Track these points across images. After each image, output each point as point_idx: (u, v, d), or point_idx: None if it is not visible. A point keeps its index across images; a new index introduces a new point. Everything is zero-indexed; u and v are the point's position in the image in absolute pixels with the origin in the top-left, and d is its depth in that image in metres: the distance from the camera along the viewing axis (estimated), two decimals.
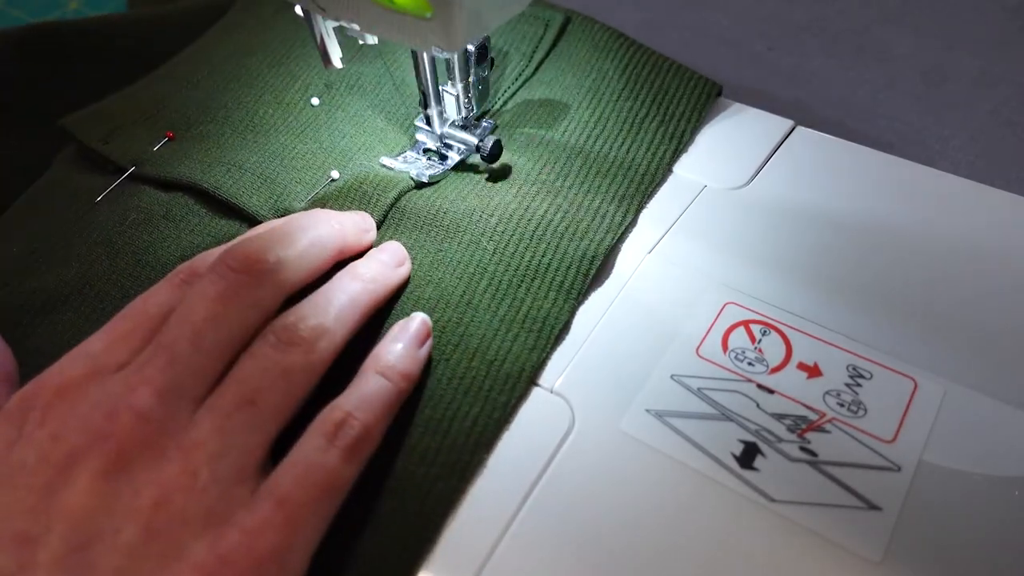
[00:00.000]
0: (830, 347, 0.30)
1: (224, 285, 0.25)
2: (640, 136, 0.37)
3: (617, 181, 0.35)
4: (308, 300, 0.26)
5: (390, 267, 0.30)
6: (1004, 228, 0.34)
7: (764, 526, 0.25)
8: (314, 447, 0.23)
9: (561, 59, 0.42)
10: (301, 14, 0.33)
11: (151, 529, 0.21)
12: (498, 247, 0.32)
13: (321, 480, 0.23)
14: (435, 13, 0.27)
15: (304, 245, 0.27)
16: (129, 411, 0.22)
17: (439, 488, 0.26)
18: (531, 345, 0.29)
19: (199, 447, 0.22)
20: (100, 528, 0.21)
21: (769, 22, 0.52)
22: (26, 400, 0.23)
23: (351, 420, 0.24)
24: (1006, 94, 0.46)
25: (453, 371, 0.28)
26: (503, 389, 0.28)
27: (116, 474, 0.21)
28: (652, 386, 0.29)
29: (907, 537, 0.25)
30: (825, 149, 0.38)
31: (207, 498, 0.22)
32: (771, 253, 0.33)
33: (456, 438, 0.27)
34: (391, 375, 0.26)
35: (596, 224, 0.33)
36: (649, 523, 0.25)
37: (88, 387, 0.23)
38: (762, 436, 0.27)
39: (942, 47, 0.49)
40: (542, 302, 0.30)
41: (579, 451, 0.27)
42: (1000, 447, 0.27)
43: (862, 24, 0.51)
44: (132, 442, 0.22)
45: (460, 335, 0.29)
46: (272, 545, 0.21)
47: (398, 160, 0.36)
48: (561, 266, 0.31)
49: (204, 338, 0.24)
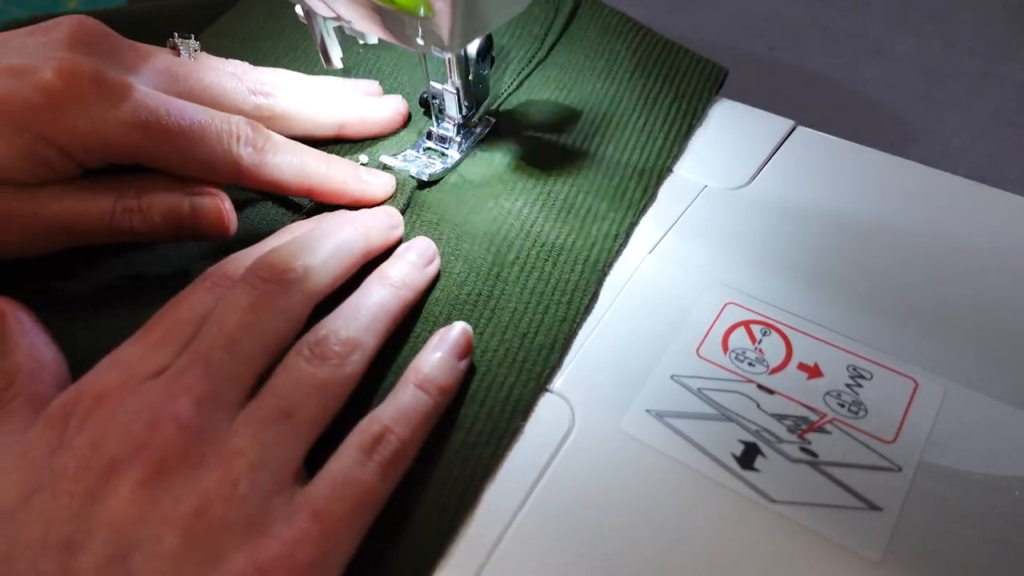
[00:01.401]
0: (830, 347, 0.30)
1: (255, 295, 0.25)
2: (655, 112, 0.39)
3: (636, 157, 0.37)
4: (339, 312, 0.27)
5: (419, 267, 0.31)
6: (1004, 228, 0.34)
7: (764, 526, 0.25)
8: (353, 461, 0.24)
9: (573, 41, 0.43)
10: (301, 14, 0.33)
11: (191, 537, 0.21)
12: (524, 225, 0.34)
13: (358, 495, 0.23)
14: (435, 13, 0.27)
15: (330, 251, 0.28)
16: (170, 420, 0.22)
17: (478, 454, 0.27)
18: (562, 316, 0.30)
19: (238, 457, 0.23)
20: (141, 536, 0.21)
21: (769, 22, 0.52)
22: (66, 407, 0.23)
23: (389, 435, 0.24)
24: (1006, 94, 0.46)
25: (487, 344, 0.30)
26: (537, 360, 0.29)
27: (156, 483, 0.22)
28: (652, 386, 0.29)
29: (907, 537, 0.25)
30: (825, 149, 0.38)
31: (246, 507, 0.22)
32: (771, 253, 0.33)
33: (493, 407, 0.28)
34: (430, 388, 0.26)
35: (617, 202, 0.35)
36: (649, 523, 0.25)
37: (126, 395, 0.23)
38: (762, 436, 0.27)
39: (942, 47, 0.49)
40: (569, 275, 0.32)
41: (579, 451, 0.27)
42: (1000, 447, 0.27)
43: (862, 24, 0.51)
44: (172, 451, 0.22)
45: (492, 308, 0.31)
46: (309, 557, 0.22)
47: (398, 159, 0.36)
48: (586, 243, 0.33)
49: (238, 346, 0.24)
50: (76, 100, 0.27)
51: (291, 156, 0.32)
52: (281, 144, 0.32)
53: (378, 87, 0.40)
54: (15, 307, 0.28)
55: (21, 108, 0.27)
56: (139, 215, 0.30)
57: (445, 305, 0.31)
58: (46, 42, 0.29)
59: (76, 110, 0.28)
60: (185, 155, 0.30)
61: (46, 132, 0.28)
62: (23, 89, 0.27)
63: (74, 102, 0.27)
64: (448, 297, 0.31)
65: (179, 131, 0.29)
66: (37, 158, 0.28)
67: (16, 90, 0.27)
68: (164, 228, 0.31)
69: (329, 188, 0.33)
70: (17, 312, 0.28)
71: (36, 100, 0.27)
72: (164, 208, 0.30)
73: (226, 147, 0.30)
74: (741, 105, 0.41)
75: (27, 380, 0.26)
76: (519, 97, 0.40)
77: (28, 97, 0.27)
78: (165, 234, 0.31)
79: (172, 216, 0.31)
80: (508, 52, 0.42)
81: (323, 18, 0.33)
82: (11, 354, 0.27)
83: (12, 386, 0.26)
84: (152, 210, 0.30)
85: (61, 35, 0.29)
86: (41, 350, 0.27)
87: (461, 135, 0.37)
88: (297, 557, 0.22)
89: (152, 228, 0.31)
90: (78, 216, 0.30)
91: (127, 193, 0.30)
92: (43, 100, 0.27)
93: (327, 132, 0.37)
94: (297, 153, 0.32)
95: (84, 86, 0.28)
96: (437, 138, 0.37)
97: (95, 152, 0.29)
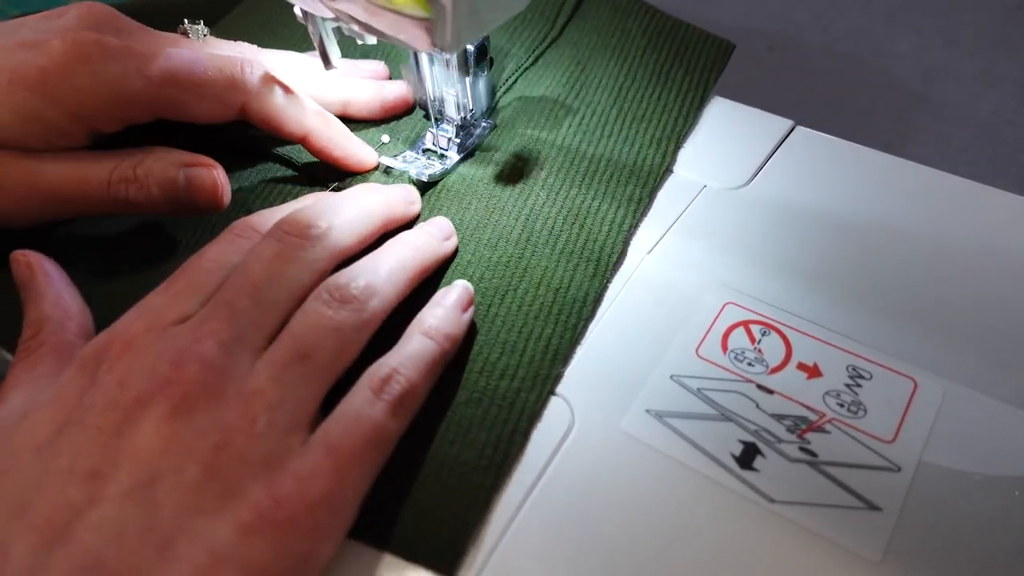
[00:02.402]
0: (830, 347, 0.30)
1: (280, 247, 0.27)
2: (668, 84, 0.40)
3: (652, 126, 0.38)
4: (359, 262, 0.28)
5: (437, 239, 0.32)
6: (1004, 228, 0.34)
7: (764, 526, 0.25)
8: (362, 400, 0.25)
9: (584, 21, 0.44)
10: (300, 15, 0.33)
11: (212, 469, 0.22)
12: (550, 194, 0.35)
13: (368, 431, 0.24)
14: (434, 13, 0.27)
15: (352, 214, 0.29)
16: (194, 359, 0.23)
17: (523, 398, 0.28)
18: (591, 273, 0.32)
19: (258, 396, 0.24)
20: (164, 466, 0.22)
21: (769, 22, 0.52)
22: (98, 352, 0.25)
23: (396, 376, 0.25)
24: (1006, 94, 0.46)
25: (522, 299, 0.31)
26: (571, 312, 0.30)
27: (180, 417, 0.23)
28: (652, 386, 0.29)
29: (907, 537, 0.25)
30: (825, 149, 0.38)
31: (264, 444, 0.23)
32: (771, 253, 0.33)
33: (533, 355, 0.29)
34: (435, 335, 0.27)
35: (638, 169, 0.36)
36: (649, 523, 0.25)
37: (153, 339, 0.24)
38: (762, 436, 0.27)
39: (942, 47, 0.49)
40: (596, 235, 0.33)
41: (579, 451, 0.27)
42: (1000, 447, 0.27)
43: (862, 24, 0.51)
44: (196, 388, 0.23)
45: (523, 268, 0.32)
46: (323, 491, 0.23)
47: (397, 160, 0.36)
48: (611, 206, 0.35)
49: (263, 293, 0.26)
50: (82, 61, 0.29)
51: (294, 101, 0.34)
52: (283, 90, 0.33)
53: (385, 68, 0.41)
54: (42, 259, 0.30)
55: (34, 74, 0.29)
56: (135, 184, 0.31)
57: (478, 266, 0.32)
58: (58, 23, 0.31)
59: (82, 70, 0.29)
60: (193, 96, 0.31)
61: (54, 94, 0.29)
62: (35, 58, 0.29)
63: (80, 62, 0.29)
64: (481, 259, 0.32)
65: (184, 73, 0.31)
66: (44, 121, 0.29)
67: (29, 60, 0.29)
68: (160, 199, 0.31)
69: (324, 138, 0.34)
70: (44, 263, 0.29)
71: (45, 65, 0.29)
72: (160, 178, 0.31)
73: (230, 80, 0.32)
74: (741, 105, 0.41)
75: (53, 329, 0.27)
76: (532, 76, 0.41)
77: (39, 63, 0.29)
78: (161, 205, 0.31)
79: (167, 186, 0.31)
80: (520, 32, 0.44)
81: (322, 19, 0.33)
82: (38, 304, 0.28)
83: (39, 334, 0.27)
84: (148, 180, 0.31)
85: (72, 16, 0.31)
86: (68, 301, 0.28)
87: (460, 136, 0.37)
88: (312, 490, 0.22)
89: (148, 199, 0.31)
90: (75, 183, 0.30)
91: (124, 163, 0.31)
92: (50, 64, 0.29)
93: (331, 110, 0.37)
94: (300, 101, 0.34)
95: (89, 48, 0.29)
96: (436, 139, 0.37)
97: (104, 110, 0.30)
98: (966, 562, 0.24)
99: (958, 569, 0.24)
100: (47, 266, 0.29)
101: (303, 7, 0.32)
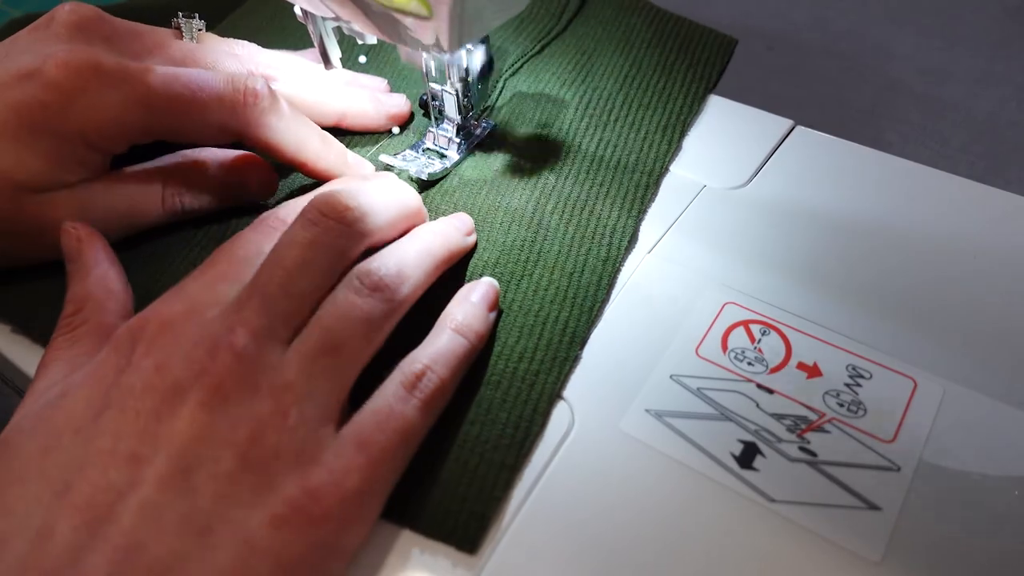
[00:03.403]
0: (830, 347, 0.30)
1: (315, 231, 0.26)
2: (673, 75, 0.41)
3: (658, 113, 0.39)
4: (388, 248, 0.28)
5: (461, 232, 0.32)
6: (1004, 228, 0.34)
7: (764, 526, 0.25)
8: (395, 396, 0.25)
9: (589, 17, 0.45)
10: (300, 14, 0.33)
11: (247, 461, 0.22)
12: (559, 177, 0.36)
13: (400, 427, 0.24)
14: (434, 13, 0.27)
15: (384, 199, 0.29)
16: (228, 349, 0.24)
17: (542, 379, 0.28)
18: (604, 256, 0.33)
19: (289, 389, 0.24)
20: (201, 455, 0.22)
21: (769, 22, 0.52)
22: (133, 332, 0.25)
23: (430, 373, 0.26)
24: (1006, 94, 0.46)
25: (537, 284, 0.31)
26: (587, 295, 0.31)
27: (215, 406, 0.23)
28: (652, 386, 0.29)
29: (907, 537, 0.25)
30: (825, 149, 0.38)
31: (296, 437, 0.23)
32: (771, 253, 0.33)
33: (551, 338, 0.30)
34: (466, 332, 0.28)
35: (644, 155, 0.37)
36: (649, 523, 0.25)
37: (188, 324, 0.25)
38: (762, 436, 0.27)
39: (942, 47, 0.49)
40: (606, 220, 0.34)
41: (579, 451, 0.27)
42: (1000, 447, 0.27)
43: (862, 24, 0.51)
44: (230, 378, 0.23)
45: (537, 252, 0.32)
46: (356, 485, 0.23)
47: (397, 158, 0.36)
48: (620, 190, 0.35)
49: (295, 284, 0.26)
50: (81, 91, 0.29)
51: (295, 125, 0.33)
52: (286, 111, 0.33)
53: (386, 84, 0.41)
54: (94, 233, 0.30)
55: (38, 110, 0.28)
56: (188, 194, 0.33)
57: (492, 251, 0.32)
58: (47, 36, 0.30)
59: (83, 100, 0.29)
60: (191, 126, 0.31)
61: (64, 128, 0.29)
62: (34, 92, 0.28)
63: (80, 93, 0.29)
64: (495, 244, 0.33)
65: (183, 104, 0.30)
66: (68, 156, 0.29)
67: (29, 94, 0.28)
68: (214, 200, 0.33)
69: (322, 167, 0.34)
70: (95, 238, 0.30)
71: (46, 99, 0.28)
72: (210, 182, 0.33)
73: (231, 111, 0.31)
74: (740, 105, 0.41)
75: (95, 308, 0.28)
76: (538, 65, 0.42)
77: (40, 97, 0.28)
78: (215, 204, 0.33)
79: (219, 187, 0.33)
80: (525, 27, 0.44)
81: (322, 18, 0.33)
82: (84, 280, 0.28)
83: (81, 311, 0.27)
84: (200, 187, 0.33)
85: (59, 27, 0.30)
86: (112, 280, 0.29)
87: (460, 136, 0.37)
88: (345, 485, 0.23)
89: (202, 204, 0.33)
90: (130, 207, 0.31)
91: (173, 175, 0.32)
92: (52, 98, 0.28)
93: (328, 120, 0.37)
94: (300, 124, 0.33)
95: (85, 76, 0.29)
96: (436, 138, 0.37)
97: (112, 137, 0.30)
98: (966, 562, 0.24)
99: (958, 569, 0.24)
100: (97, 241, 0.29)
101: (303, 7, 0.32)
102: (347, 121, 0.38)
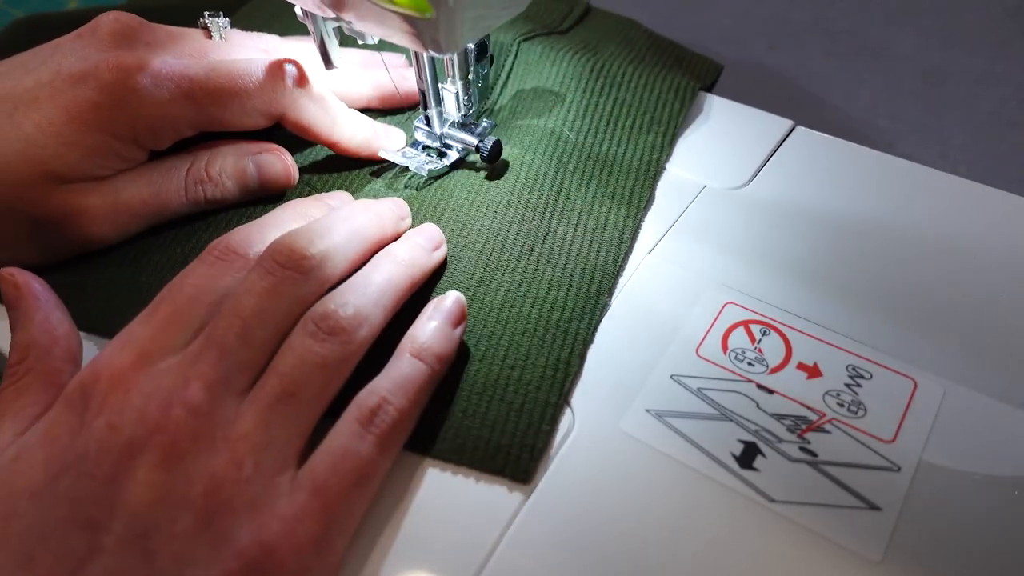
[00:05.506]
0: (830, 347, 0.30)
1: (272, 281, 0.26)
2: (671, 75, 0.42)
3: (671, 76, 0.41)
4: (347, 286, 0.27)
5: (427, 250, 0.31)
6: (1004, 228, 0.34)
7: (764, 526, 0.25)
8: (350, 433, 0.24)
9: (588, 28, 0.47)
10: (301, 14, 0.33)
11: (203, 518, 0.22)
12: (579, 136, 0.38)
13: (355, 468, 0.24)
14: (435, 13, 0.27)
15: (345, 237, 0.28)
16: (182, 405, 0.23)
17: (575, 326, 0.30)
18: (624, 214, 0.34)
19: (244, 439, 0.23)
20: (158, 518, 0.22)
21: (769, 22, 0.52)
22: (85, 388, 0.24)
23: (386, 406, 0.25)
24: (1006, 94, 0.46)
25: (563, 238, 0.33)
26: (610, 249, 0.33)
27: (171, 465, 0.23)
28: (652, 386, 0.29)
29: (907, 537, 0.25)
30: (825, 149, 0.38)
31: (251, 488, 0.23)
32: (771, 253, 0.33)
33: (580, 287, 0.31)
34: (426, 357, 0.27)
35: (659, 115, 0.39)
36: (649, 523, 0.25)
37: (140, 377, 0.24)
38: (762, 436, 0.27)
39: (942, 47, 0.49)
40: (624, 181, 0.36)
41: (579, 451, 0.27)
42: (1000, 447, 0.27)
43: (862, 24, 0.51)
44: (185, 435, 0.23)
45: (560, 211, 0.34)
46: (310, 533, 0.23)
47: (397, 155, 0.36)
48: (636, 152, 0.37)
49: (252, 333, 0.25)
50: (132, 91, 0.30)
51: (328, 106, 0.35)
52: (319, 93, 0.35)
53: (404, 60, 0.42)
54: (31, 278, 0.29)
55: (90, 111, 0.30)
56: (211, 183, 0.34)
57: (518, 207, 0.34)
58: (93, 42, 0.32)
59: (133, 100, 0.31)
60: (236, 114, 0.33)
61: (112, 128, 0.30)
62: (87, 94, 0.30)
63: (132, 93, 0.30)
64: (520, 200, 0.34)
65: (227, 93, 0.32)
66: (109, 152, 0.31)
67: (82, 96, 0.30)
68: (235, 191, 0.34)
69: (355, 145, 0.36)
70: (33, 283, 0.29)
71: (99, 100, 0.30)
72: (232, 172, 0.34)
73: (271, 95, 0.33)
74: (740, 105, 0.41)
75: (40, 355, 0.27)
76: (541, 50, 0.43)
77: (93, 99, 0.30)
78: (236, 196, 0.35)
79: (240, 178, 0.34)
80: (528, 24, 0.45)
81: (323, 19, 0.33)
82: (26, 327, 0.27)
83: (25, 360, 0.27)
84: (222, 176, 0.34)
85: (104, 34, 0.32)
86: (55, 324, 0.28)
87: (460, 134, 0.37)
88: (299, 533, 0.22)
89: (224, 194, 0.34)
90: (154, 197, 0.33)
91: (195, 166, 0.33)
92: (104, 99, 0.30)
93: (356, 105, 0.38)
94: (333, 105, 0.35)
95: (135, 77, 0.31)
96: (436, 137, 0.37)
97: (161, 133, 0.32)
98: (966, 562, 0.24)
99: (958, 569, 0.24)
100: (35, 286, 0.28)
101: (304, 7, 0.32)
102: (375, 103, 0.40)
